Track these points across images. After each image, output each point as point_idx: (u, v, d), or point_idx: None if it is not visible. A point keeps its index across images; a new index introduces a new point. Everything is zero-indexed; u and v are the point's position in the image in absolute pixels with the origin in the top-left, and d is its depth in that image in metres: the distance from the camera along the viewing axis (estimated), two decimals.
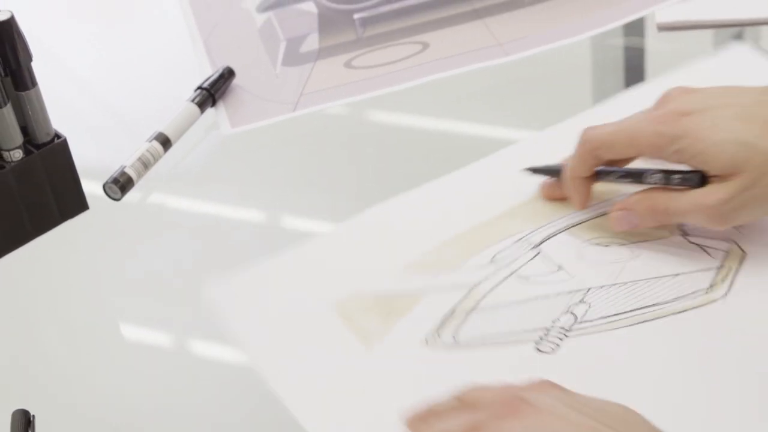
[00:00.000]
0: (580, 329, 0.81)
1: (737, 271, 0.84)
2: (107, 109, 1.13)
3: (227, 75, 1.09)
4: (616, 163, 0.88)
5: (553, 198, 0.91)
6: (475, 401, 0.69)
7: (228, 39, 1.17)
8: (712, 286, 0.83)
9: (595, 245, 0.87)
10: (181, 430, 0.83)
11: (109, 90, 1.16)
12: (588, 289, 0.84)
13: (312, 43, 1.15)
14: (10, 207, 0.95)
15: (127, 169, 1.00)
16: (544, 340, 0.81)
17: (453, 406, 0.71)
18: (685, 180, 0.83)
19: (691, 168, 0.83)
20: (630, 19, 1.11)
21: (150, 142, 1.02)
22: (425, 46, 1.12)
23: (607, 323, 0.82)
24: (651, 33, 1.11)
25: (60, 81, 1.16)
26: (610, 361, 0.79)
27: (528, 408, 0.66)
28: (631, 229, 0.86)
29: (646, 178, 0.86)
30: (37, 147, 0.95)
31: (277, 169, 1.04)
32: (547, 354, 0.80)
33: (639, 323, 0.81)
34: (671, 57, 1.09)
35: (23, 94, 0.93)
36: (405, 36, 1.14)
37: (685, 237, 0.87)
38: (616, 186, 0.88)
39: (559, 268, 0.86)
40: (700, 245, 0.86)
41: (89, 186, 1.00)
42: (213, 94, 1.07)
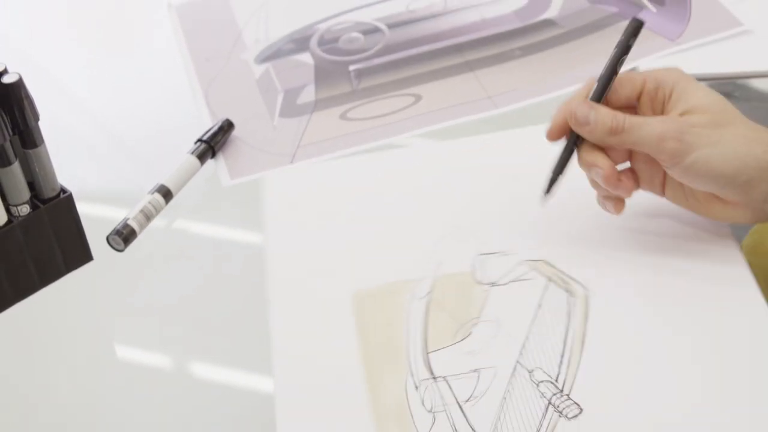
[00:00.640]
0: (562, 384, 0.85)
1: (561, 271, 0.92)
2: (110, 161, 1.17)
3: (226, 127, 1.13)
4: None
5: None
6: None
7: (227, 90, 1.21)
8: (568, 290, 0.91)
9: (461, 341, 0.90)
10: None
11: (113, 142, 1.20)
12: (516, 363, 0.87)
13: (309, 94, 1.19)
14: (17, 259, 0.98)
15: (129, 221, 1.03)
16: (562, 408, 0.84)
17: None
18: None
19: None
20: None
21: (152, 194, 1.06)
22: (418, 98, 1.16)
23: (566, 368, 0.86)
24: None
25: (65, 135, 1.19)
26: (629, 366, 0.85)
27: None
28: (579, 129, 0.89)
29: None
30: (44, 201, 0.99)
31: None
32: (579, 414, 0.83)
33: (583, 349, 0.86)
34: None
35: (31, 152, 0.97)
36: (399, 88, 1.18)
37: (496, 286, 0.92)
38: None
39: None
40: (512, 280, 0.92)
41: (94, 237, 1.03)
42: (213, 146, 1.11)
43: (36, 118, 0.95)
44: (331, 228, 1.00)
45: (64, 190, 1.00)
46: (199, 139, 1.11)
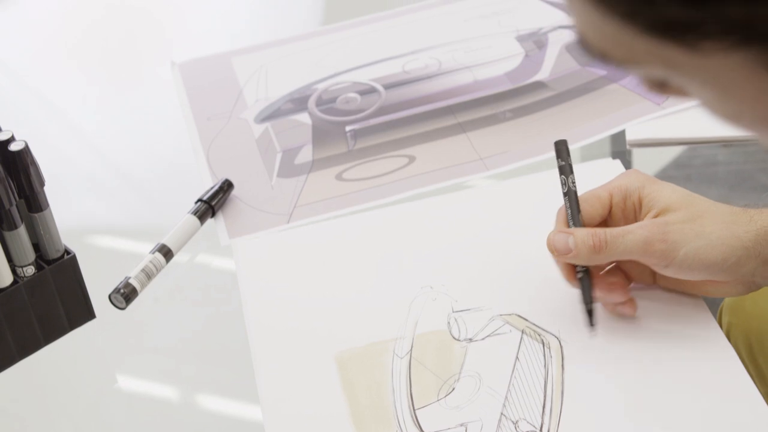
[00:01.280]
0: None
1: (534, 323, 0.96)
2: (114, 220, 1.21)
3: (226, 187, 1.17)
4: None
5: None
6: None
7: (228, 149, 1.25)
8: (543, 342, 0.94)
9: (444, 398, 0.93)
10: None
11: (115, 202, 1.23)
12: (501, 416, 0.90)
13: (306, 154, 1.22)
14: (23, 318, 1.02)
15: (131, 280, 1.07)
16: None
17: None
18: None
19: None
20: (604, 135, 1.18)
21: (153, 253, 1.10)
22: (411, 159, 1.20)
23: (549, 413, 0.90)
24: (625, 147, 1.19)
25: (70, 197, 1.23)
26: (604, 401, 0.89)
27: None
28: (564, 257, 0.91)
29: None
30: (48, 262, 1.03)
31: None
32: None
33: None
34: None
35: (36, 215, 1.01)
36: (393, 149, 1.21)
37: (474, 341, 0.95)
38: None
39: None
40: (488, 335, 0.95)
41: (96, 294, 1.07)
42: (212, 206, 1.15)
43: (41, 183, 0.99)
44: (307, 290, 1.04)
45: (68, 251, 1.04)
46: (200, 199, 1.15)
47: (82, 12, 1.54)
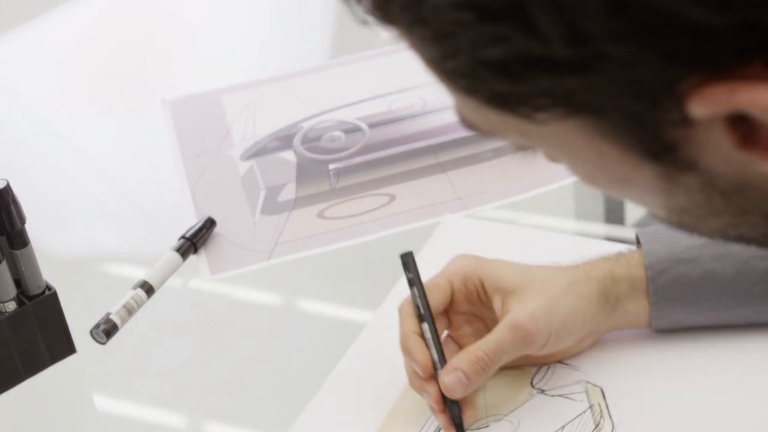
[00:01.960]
0: None
1: (606, 405, 0.93)
2: (99, 255, 1.23)
3: (209, 225, 1.19)
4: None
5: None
6: None
7: (213, 185, 1.27)
8: (597, 425, 0.91)
9: (476, 430, 0.92)
10: None
11: (101, 236, 1.26)
12: None
13: (289, 192, 1.25)
14: (4, 352, 1.04)
15: (112, 316, 1.09)
16: None
17: None
18: None
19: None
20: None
21: (135, 289, 1.12)
22: (392, 198, 1.22)
23: None
24: None
25: (56, 230, 1.26)
26: None
27: None
28: (466, 391, 0.89)
29: None
30: (30, 298, 1.05)
31: (255, 314, 1.14)
32: None
33: None
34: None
35: (18, 252, 1.03)
36: (374, 187, 1.23)
37: (544, 393, 0.95)
38: None
39: None
40: (561, 395, 0.94)
41: (79, 328, 1.09)
42: (195, 242, 1.17)
43: (22, 221, 1.01)
44: None
45: (49, 287, 1.06)
46: (183, 236, 1.17)
47: (93, 43, 1.57)
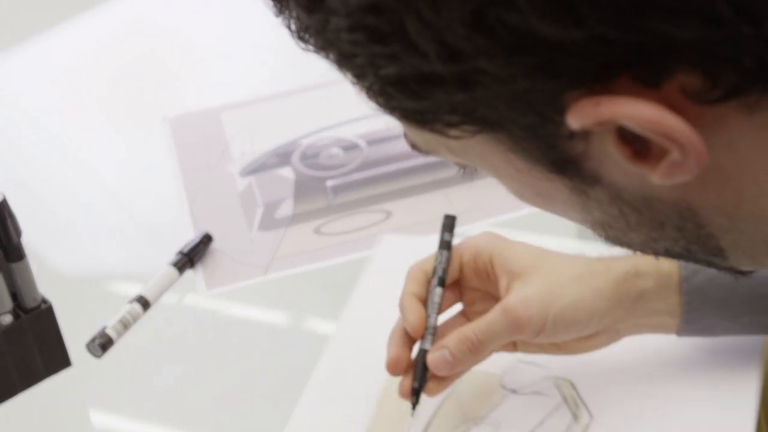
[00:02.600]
0: None
1: (579, 396, 0.94)
2: (94, 270, 1.24)
3: (206, 241, 1.20)
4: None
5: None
6: None
7: (211, 201, 1.28)
8: (575, 416, 0.92)
9: None
10: None
11: (98, 250, 1.26)
12: None
13: (287, 208, 1.25)
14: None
15: (108, 330, 1.10)
16: None
17: None
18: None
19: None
20: None
21: (131, 303, 1.12)
22: (389, 214, 1.22)
23: None
24: None
25: (50, 246, 1.26)
26: None
27: None
28: (451, 369, 0.88)
29: None
30: (26, 311, 1.06)
31: (251, 329, 1.14)
32: None
33: None
34: None
35: (14, 265, 1.03)
36: (371, 204, 1.24)
37: (516, 393, 0.95)
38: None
39: None
40: (533, 392, 0.95)
41: (75, 342, 1.10)
42: (191, 258, 1.18)
43: (18, 234, 1.02)
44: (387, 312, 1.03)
45: (45, 301, 1.07)
46: (180, 251, 1.18)
47: (96, 59, 1.58)
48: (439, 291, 0.91)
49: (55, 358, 1.08)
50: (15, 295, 1.06)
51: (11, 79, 1.56)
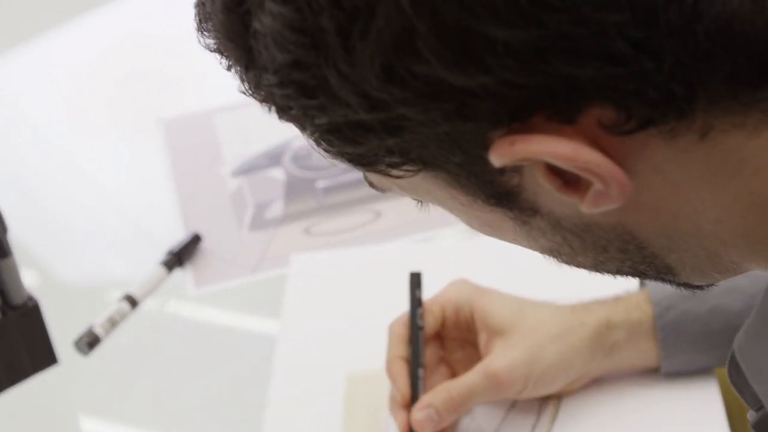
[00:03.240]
0: None
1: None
2: (84, 269, 1.24)
3: (195, 240, 1.20)
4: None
5: None
6: None
7: (202, 201, 1.28)
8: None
9: None
10: None
11: (89, 249, 1.27)
12: None
13: (277, 209, 1.26)
14: None
15: (95, 328, 1.10)
16: None
17: None
18: None
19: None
20: None
21: (119, 302, 1.13)
22: (378, 215, 1.22)
23: None
24: None
25: (40, 244, 1.27)
26: None
27: None
28: (435, 428, 0.90)
29: None
30: (12, 308, 1.06)
31: (239, 329, 1.15)
32: None
33: None
34: None
35: (0, 262, 1.04)
36: (361, 204, 1.24)
37: None
38: None
39: None
40: None
41: (64, 339, 1.10)
42: (180, 257, 1.18)
43: (4, 230, 1.02)
44: (339, 312, 1.07)
45: (31, 298, 1.07)
46: (169, 251, 1.18)
47: (92, 62, 1.58)
48: (420, 372, 0.92)
49: (42, 356, 1.08)
50: (2, 292, 1.06)
51: (5, 81, 1.56)
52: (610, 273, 0.61)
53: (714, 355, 0.92)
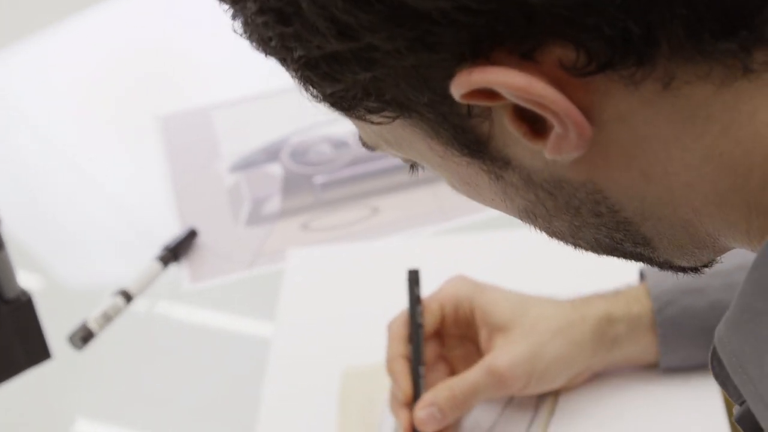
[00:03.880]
0: None
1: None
2: (81, 264, 1.23)
3: (191, 236, 1.19)
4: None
5: None
6: None
7: (199, 197, 1.27)
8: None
9: None
10: None
11: (86, 244, 1.26)
12: None
13: (274, 204, 1.25)
14: None
15: (89, 323, 1.09)
16: None
17: None
18: None
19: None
20: None
21: (114, 296, 1.12)
22: (375, 210, 1.22)
23: None
24: None
25: (35, 238, 1.26)
26: None
27: None
28: (438, 426, 0.89)
29: None
30: (5, 302, 1.05)
31: (234, 323, 1.14)
32: None
33: None
34: None
35: None
36: (359, 199, 1.23)
37: None
38: None
39: None
40: None
41: (59, 334, 1.09)
42: (176, 252, 1.17)
43: None
44: (335, 307, 1.07)
45: (24, 293, 1.06)
46: (165, 247, 1.17)
47: (89, 58, 1.58)
48: (421, 370, 0.91)
49: (36, 350, 1.07)
50: None
51: (4, 77, 1.56)
52: (589, 245, 0.60)
53: None
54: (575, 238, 0.60)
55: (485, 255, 1.09)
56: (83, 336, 1.08)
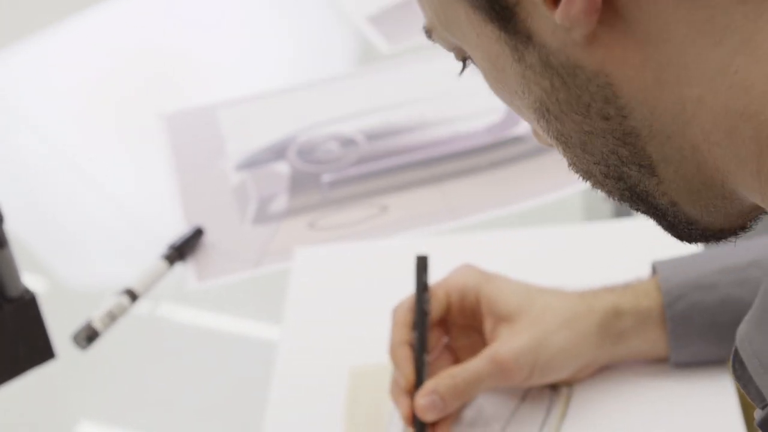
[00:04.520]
0: None
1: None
2: (86, 263, 1.22)
3: (197, 234, 1.18)
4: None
5: None
6: None
7: (205, 195, 1.26)
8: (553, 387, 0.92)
9: None
10: None
11: (91, 244, 1.25)
12: None
13: (281, 203, 1.23)
14: None
15: (94, 323, 1.08)
16: None
17: None
18: None
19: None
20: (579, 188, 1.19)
21: (119, 296, 1.10)
22: (383, 209, 1.20)
23: None
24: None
25: (40, 237, 1.25)
26: None
27: None
28: (438, 415, 0.88)
29: None
30: (9, 301, 1.04)
31: (241, 322, 1.12)
32: None
33: None
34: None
35: None
36: (367, 198, 1.22)
37: None
38: None
39: None
40: None
41: (64, 333, 1.08)
42: (181, 251, 1.16)
43: (1, 220, 1.00)
44: (342, 306, 1.05)
45: (28, 291, 1.05)
46: (171, 245, 1.16)
47: (100, 54, 1.57)
48: (426, 358, 0.90)
49: (40, 350, 1.06)
50: None
51: (6, 77, 1.55)
52: (597, 167, 0.59)
53: (724, 347, 0.89)
54: (584, 152, 0.59)
55: (493, 254, 1.08)
56: (88, 335, 1.07)
